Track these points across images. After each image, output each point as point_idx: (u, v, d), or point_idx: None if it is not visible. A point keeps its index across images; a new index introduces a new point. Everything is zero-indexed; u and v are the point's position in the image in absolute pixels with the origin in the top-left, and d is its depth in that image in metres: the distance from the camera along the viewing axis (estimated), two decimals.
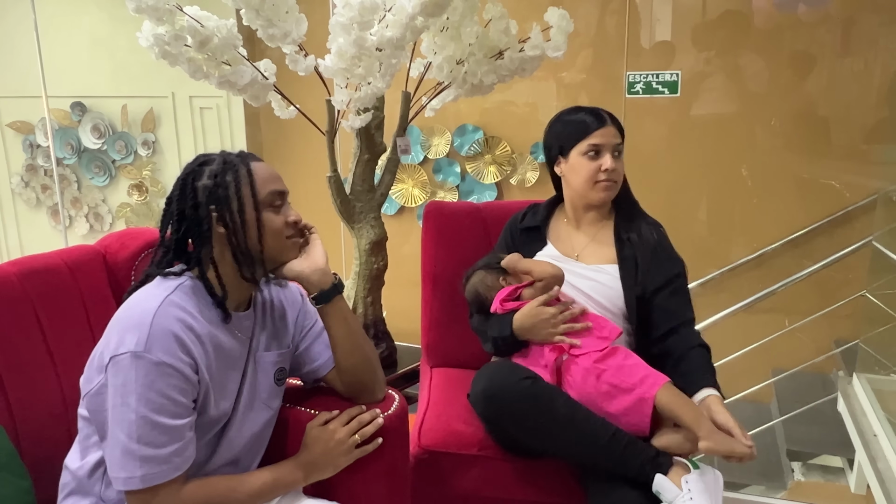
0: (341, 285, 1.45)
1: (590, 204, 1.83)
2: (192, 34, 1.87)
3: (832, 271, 2.92)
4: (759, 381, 3.01)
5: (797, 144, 3.19)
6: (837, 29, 3.08)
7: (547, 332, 1.65)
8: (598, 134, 1.78)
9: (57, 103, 4.27)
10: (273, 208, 1.33)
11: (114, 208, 4.48)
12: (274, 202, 1.33)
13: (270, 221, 1.32)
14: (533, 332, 1.67)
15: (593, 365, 1.59)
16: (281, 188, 1.35)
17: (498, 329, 1.72)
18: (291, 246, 1.37)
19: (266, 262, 1.35)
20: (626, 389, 1.55)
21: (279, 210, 1.34)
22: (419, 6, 1.83)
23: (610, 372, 1.57)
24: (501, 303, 1.75)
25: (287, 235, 1.35)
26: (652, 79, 3.28)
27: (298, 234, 1.38)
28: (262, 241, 1.32)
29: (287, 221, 1.35)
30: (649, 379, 1.55)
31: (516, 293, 1.74)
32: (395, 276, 2.47)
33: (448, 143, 3.73)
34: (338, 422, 1.45)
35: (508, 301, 1.74)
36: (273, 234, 1.33)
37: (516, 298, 1.74)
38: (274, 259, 1.35)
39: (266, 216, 1.32)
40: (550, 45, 2.17)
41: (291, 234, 1.36)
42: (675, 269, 1.75)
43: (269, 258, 1.35)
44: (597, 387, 1.57)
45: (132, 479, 1.17)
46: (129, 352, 1.18)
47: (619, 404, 1.55)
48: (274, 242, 1.33)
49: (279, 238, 1.34)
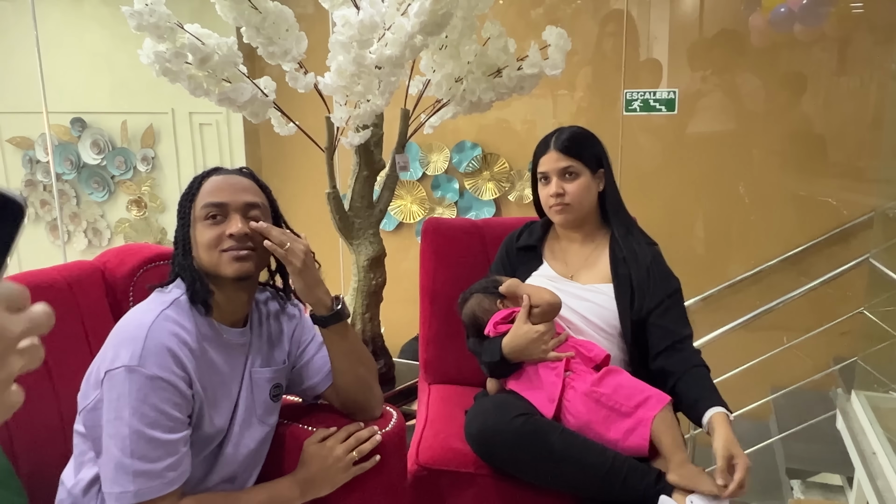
0: (343, 313, 1.43)
1: (557, 226, 1.86)
2: (193, 52, 1.88)
3: (830, 288, 2.92)
4: (757, 399, 3.00)
5: (794, 162, 3.20)
6: (833, 48, 3.10)
7: (540, 350, 1.64)
8: (542, 161, 1.81)
9: (57, 119, 4.29)
10: (206, 220, 1.31)
11: (112, 224, 4.48)
12: (208, 215, 1.31)
13: (199, 234, 1.32)
14: (526, 352, 1.65)
15: (591, 389, 1.58)
16: (217, 200, 1.32)
17: (489, 353, 1.71)
18: (227, 259, 1.31)
19: (209, 275, 1.33)
20: (626, 413, 1.54)
21: (216, 222, 1.31)
22: (418, 25, 1.84)
23: (608, 395, 1.57)
24: (495, 326, 1.74)
25: (223, 248, 1.31)
26: (649, 96, 3.30)
27: (241, 246, 1.31)
28: (195, 254, 1.33)
29: (223, 234, 1.31)
30: (650, 401, 1.54)
31: (510, 317, 1.73)
32: (393, 291, 2.47)
33: (447, 159, 3.74)
34: (335, 439, 1.44)
35: (502, 324, 1.73)
36: (202, 247, 1.32)
37: (511, 322, 1.73)
38: (212, 272, 1.33)
39: (196, 229, 1.32)
40: (548, 63, 2.19)
41: (228, 246, 1.31)
42: (670, 287, 1.74)
43: (207, 272, 1.33)
44: (597, 412, 1.56)
45: (125, 494, 1.17)
46: (124, 366, 1.18)
47: (618, 429, 1.54)
48: (205, 255, 1.32)
49: (210, 251, 1.31)
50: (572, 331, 1.74)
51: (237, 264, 1.30)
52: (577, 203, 1.78)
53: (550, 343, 1.65)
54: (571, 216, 1.80)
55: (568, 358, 1.64)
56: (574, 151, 1.77)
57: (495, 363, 1.70)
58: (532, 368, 1.67)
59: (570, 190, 1.77)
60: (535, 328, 1.65)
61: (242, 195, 1.34)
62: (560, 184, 1.77)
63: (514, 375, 1.72)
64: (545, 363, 1.65)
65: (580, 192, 1.77)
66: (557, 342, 1.66)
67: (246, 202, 1.34)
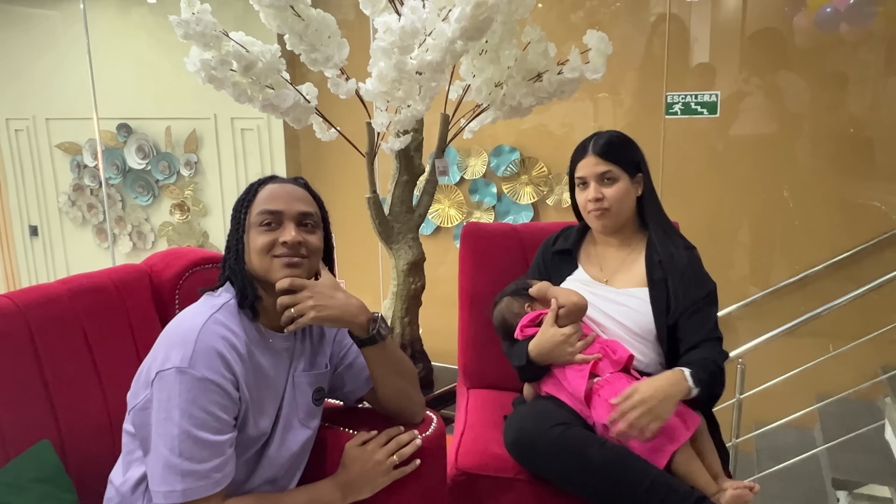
0: (379, 335, 1.41)
1: (596, 231, 1.84)
2: (238, 59, 1.91)
3: (878, 295, 2.85)
4: (802, 407, 2.93)
5: (840, 165, 3.13)
6: (881, 48, 3.02)
7: (567, 353, 1.64)
8: (580, 166, 1.80)
9: (104, 125, 4.40)
10: (261, 227, 1.34)
11: (156, 227, 4.58)
12: (262, 221, 1.34)
13: (253, 240, 1.34)
14: (553, 354, 1.65)
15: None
16: (273, 208, 1.34)
17: (517, 357, 1.71)
18: (279, 265, 1.33)
19: (259, 281, 1.35)
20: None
21: (270, 229, 1.34)
22: (459, 30, 1.85)
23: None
24: (521, 329, 1.74)
25: (275, 254, 1.33)
26: (691, 99, 3.26)
27: (293, 253, 1.34)
28: (247, 259, 1.35)
29: (276, 241, 1.33)
30: (671, 432, 1.51)
31: (538, 319, 1.73)
32: (431, 295, 2.48)
33: (485, 163, 3.74)
34: (376, 442, 1.45)
35: (529, 327, 1.73)
36: (254, 252, 1.34)
37: (538, 325, 1.72)
38: (262, 278, 1.35)
39: (250, 235, 1.35)
40: (589, 67, 2.17)
41: (280, 252, 1.33)
42: (703, 290, 1.71)
43: (258, 277, 1.35)
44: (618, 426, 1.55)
45: (173, 493, 1.19)
46: (174, 367, 1.20)
47: (635, 445, 1.52)
48: (257, 260, 1.34)
49: (262, 256, 1.33)
50: (607, 336, 1.73)
51: (288, 270, 1.33)
52: (617, 208, 1.76)
53: (577, 345, 1.64)
54: (610, 221, 1.78)
55: (595, 360, 1.63)
56: (612, 156, 1.76)
57: (523, 367, 1.70)
58: (560, 371, 1.67)
59: (609, 194, 1.75)
60: (561, 331, 1.65)
61: (297, 205, 1.37)
62: (599, 188, 1.76)
63: (545, 378, 1.71)
64: (572, 365, 1.64)
65: (619, 197, 1.76)
66: (584, 344, 1.66)
67: (300, 211, 1.36)
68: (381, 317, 1.43)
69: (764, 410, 3.06)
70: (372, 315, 1.41)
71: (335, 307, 1.35)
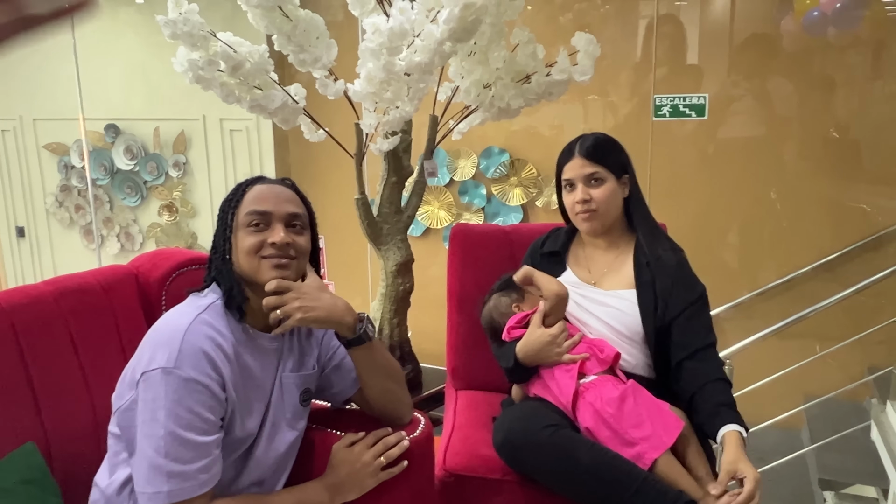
0: (366, 336, 1.41)
1: (584, 233, 1.84)
2: (226, 59, 1.91)
3: (865, 296, 2.87)
4: (789, 408, 2.95)
5: (827, 168, 3.15)
6: (868, 51, 3.05)
7: (554, 353, 1.64)
8: (567, 168, 1.80)
9: (91, 125, 4.37)
10: (249, 227, 1.34)
11: (144, 228, 4.56)
12: (251, 222, 1.34)
13: (240, 240, 1.34)
14: (541, 355, 1.65)
15: (603, 407, 1.56)
16: (262, 208, 1.34)
17: (504, 358, 1.71)
18: (267, 266, 1.33)
19: (247, 281, 1.35)
20: (629, 442, 1.52)
21: (258, 230, 1.34)
22: (447, 32, 1.85)
23: (616, 417, 1.54)
24: (509, 331, 1.74)
25: (263, 255, 1.33)
26: (679, 101, 3.28)
27: (282, 254, 1.33)
28: (234, 259, 1.34)
29: (264, 241, 1.33)
30: (653, 439, 1.51)
31: (525, 320, 1.72)
32: (420, 297, 2.48)
33: (474, 165, 3.74)
34: (364, 444, 1.45)
35: (516, 329, 1.73)
36: (242, 252, 1.33)
37: (525, 325, 1.72)
38: (250, 279, 1.34)
39: (237, 235, 1.34)
40: (577, 69, 2.18)
41: (269, 253, 1.33)
42: (694, 293, 1.71)
43: (245, 277, 1.35)
44: (602, 429, 1.55)
45: (159, 495, 1.18)
46: (160, 368, 1.20)
47: (621, 451, 1.52)
48: (245, 261, 1.33)
49: (250, 257, 1.33)
50: (594, 337, 1.73)
51: (276, 272, 1.32)
52: (604, 209, 1.77)
53: (565, 345, 1.64)
54: (598, 223, 1.78)
55: (583, 360, 1.63)
56: (599, 157, 1.76)
57: (510, 368, 1.70)
58: (548, 372, 1.67)
59: (597, 196, 1.76)
60: (548, 331, 1.64)
61: (286, 206, 1.36)
62: (586, 190, 1.76)
63: (533, 380, 1.71)
64: (560, 365, 1.64)
65: (606, 198, 1.76)
66: (571, 344, 1.66)
67: (289, 212, 1.36)
68: (367, 317, 1.42)
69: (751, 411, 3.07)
70: (358, 316, 1.41)
71: (321, 308, 1.35)
